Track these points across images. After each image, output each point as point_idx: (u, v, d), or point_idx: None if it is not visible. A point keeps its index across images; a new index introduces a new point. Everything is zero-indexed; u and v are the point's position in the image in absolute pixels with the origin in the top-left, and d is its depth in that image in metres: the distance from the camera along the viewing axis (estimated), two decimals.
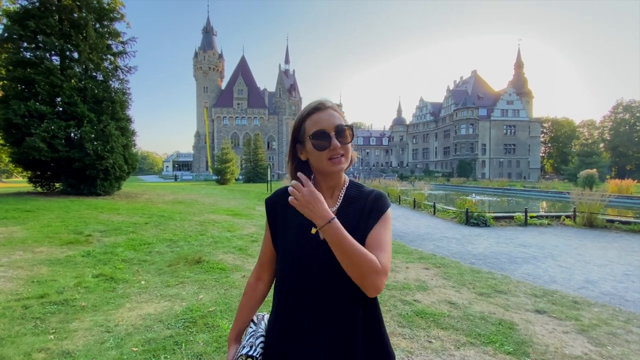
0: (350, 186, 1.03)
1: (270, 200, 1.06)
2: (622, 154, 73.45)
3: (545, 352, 2.85)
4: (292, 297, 0.96)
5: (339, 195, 1.00)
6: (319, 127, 0.92)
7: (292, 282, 0.96)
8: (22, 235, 5.98)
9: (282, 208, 1.01)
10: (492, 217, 10.10)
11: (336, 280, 0.91)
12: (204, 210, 11.96)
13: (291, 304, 0.96)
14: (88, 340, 2.66)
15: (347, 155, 0.94)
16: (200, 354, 2.53)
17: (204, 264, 4.96)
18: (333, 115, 0.95)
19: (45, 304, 3.28)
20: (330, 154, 0.92)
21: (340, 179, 1.01)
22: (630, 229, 9.07)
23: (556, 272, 5.47)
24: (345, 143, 0.93)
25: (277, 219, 1.03)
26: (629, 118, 72.86)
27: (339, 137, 0.91)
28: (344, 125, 0.93)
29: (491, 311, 3.69)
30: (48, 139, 10.92)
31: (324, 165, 0.93)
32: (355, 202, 0.99)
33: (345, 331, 0.92)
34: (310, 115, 0.96)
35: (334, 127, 0.92)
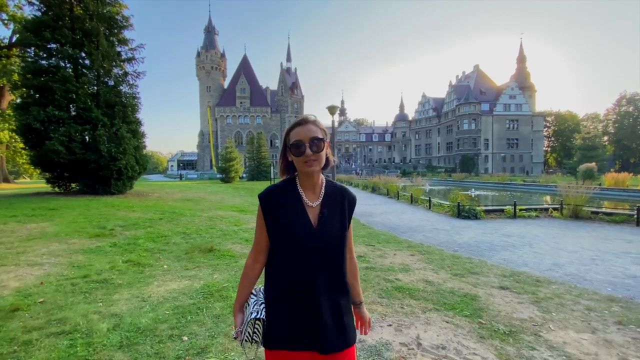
0: (327, 184, 1.30)
1: (264, 196, 1.26)
2: (626, 146, 73.18)
3: (496, 315, 3.50)
4: (293, 270, 1.20)
5: (320, 192, 1.27)
6: (297, 138, 1.19)
7: (295, 260, 1.20)
8: (53, 230, 6.73)
9: (278, 203, 1.24)
10: (482, 211, 10.71)
11: (332, 258, 1.23)
12: (211, 207, 12.69)
13: (292, 276, 1.20)
14: (129, 306, 3.37)
15: (319, 160, 1.20)
16: (217, 315, 3.23)
17: (216, 252, 5.67)
18: (311, 129, 1.20)
19: (89, 282, 4.00)
20: (305, 159, 1.19)
21: (318, 178, 1.27)
22: (612, 220, 9.63)
23: (530, 257, 6.10)
24: (316, 152, 1.19)
25: (272, 213, 1.23)
26: (633, 111, 72.49)
27: (312, 147, 1.18)
28: (317, 138, 1.19)
29: (460, 287, 4.34)
30: (66, 143, 11.70)
31: (300, 167, 1.21)
32: (333, 196, 1.29)
33: (333, 287, 1.24)
34: (294, 128, 1.23)
35: (309, 139, 1.18)
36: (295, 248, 1.19)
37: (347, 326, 1.25)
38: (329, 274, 1.22)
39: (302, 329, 1.18)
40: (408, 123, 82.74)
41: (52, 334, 2.76)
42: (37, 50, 12.64)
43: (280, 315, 1.20)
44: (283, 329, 1.19)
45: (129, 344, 2.66)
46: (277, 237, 1.23)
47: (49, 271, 4.37)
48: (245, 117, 72.57)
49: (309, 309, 1.19)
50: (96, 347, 2.59)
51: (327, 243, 1.21)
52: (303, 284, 1.19)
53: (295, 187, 1.26)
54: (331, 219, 1.24)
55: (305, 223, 1.20)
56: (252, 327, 1.21)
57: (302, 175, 1.25)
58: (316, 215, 1.23)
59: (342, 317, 1.24)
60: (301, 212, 1.22)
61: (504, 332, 3.11)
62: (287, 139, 1.24)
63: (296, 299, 1.19)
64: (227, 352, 2.60)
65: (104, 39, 13.34)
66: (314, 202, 1.25)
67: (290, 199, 1.24)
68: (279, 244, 1.23)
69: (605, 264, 5.66)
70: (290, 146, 1.20)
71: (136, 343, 2.68)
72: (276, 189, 1.26)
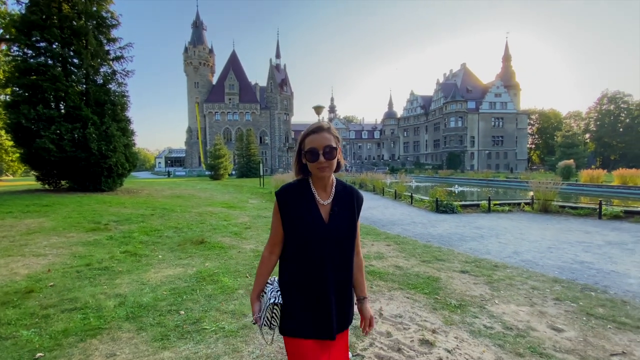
0: (337, 184, 1.41)
1: (281, 194, 1.37)
2: (607, 144, 75.55)
3: (451, 293, 4.07)
4: (306, 261, 1.32)
5: (331, 191, 1.38)
6: (312, 145, 1.28)
7: (308, 253, 1.31)
8: (50, 225, 7.07)
9: (294, 201, 1.35)
10: (459, 205, 11.37)
11: (341, 252, 1.35)
12: (201, 204, 13.05)
13: (305, 266, 1.32)
14: (131, 288, 3.82)
15: (331, 167, 1.30)
16: (209, 295, 3.71)
17: (207, 244, 6.12)
18: (325, 137, 1.28)
19: (92, 269, 4.42)
20: (318, 165, 1.28)
21: (329, 179, 1.37)
22: (577, 213, 10.40)
23: (494, 246, 6.73)
24: (330, 159, 1.29)
25: (287, 209, 1.34)
26: (614, 109, 74.68)
27: (325, 155, 1.27)
28: (331, 146, 1.28)
29: (426, 271, 4.91)
30: (57, 141, 11.90)
31: (314, 171, 1.32)
32: (343, 195, 1.39)
33: (342, 278, 1.37)
34: (309, 134, 1.31)
35: (323, 147, 1.27)
36: (308, 241, 1.31)
37: (347, 312, 1.41)
38: (338, 265, 1.34)
39: (313, 317, 1.31)
40: (397, 120, 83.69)
41: (66, 310, 3.21)
42: (26, 48, 12.73)
43: (294, 302, 1.33)
44: (297, 317, 1.32)
45: (134, 317, 3.12)
46: (292, 231, 1.34)
47: (53, 261, 4.77)
48: (234, 113, 72.11)
49: (320, 297, 1.31)
50: (106, 319, 3.05)
51: (337, 237, 1.33)
52: (315, 273, 1.31)
53: (308, 187, 1.37)
54: (341, 216, 1.36)
55: (317, 218, 1.32)
56: (271, 312, 1.33)
57: (315, 177, 1.36)
58: (327, 212, 1.35)
59: (345, 305, 1.39)
60: (314, 209, 1.33)
61: (455, 305, 3.68)
62: (302, 144, 1.34)
63: (308, 288, 1.32)
64: (219, 322, 3.09)
65: (93, 37, 13.49)
66: (326, 201, 1.36)
67: (304, 197, 1.35)
68: (294, 237, 1.34)
69: (560, 251, 6.31)
70: (306, 152, 1.31)
71: (140, 316, 3.15)
72: (292, 188, 1.38)
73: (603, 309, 3.73)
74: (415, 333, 3.01)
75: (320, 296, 1.31)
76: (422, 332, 3.01)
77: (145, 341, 2.71)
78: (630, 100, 73.41)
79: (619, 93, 74.78)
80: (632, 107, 72.45)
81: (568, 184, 24.86)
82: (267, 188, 22.84)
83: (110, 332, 2.83)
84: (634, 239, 7.25)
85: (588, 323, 3.38)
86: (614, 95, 74.99)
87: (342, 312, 1.37)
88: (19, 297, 3.46)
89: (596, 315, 3.56)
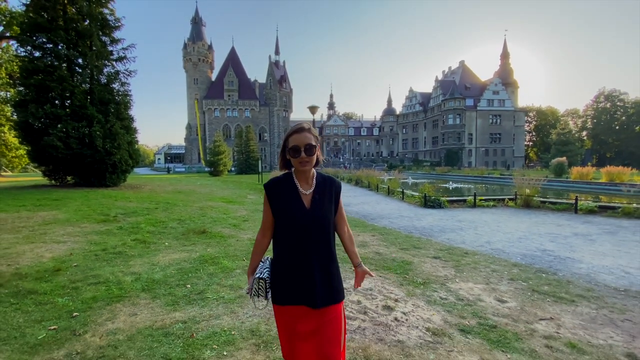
0: (317, 176, 1.64)
1: (269, 186, 1.60)
2: (603, 141, 76.11)
3: (420, 273, 4.71)
4: (292, 242, 1.55)
5: (312, 182, 1.60)
6: (295, 143, 1.51)
7: (294, 235, 1.54)
8: (63, 217, 7.69)
9: (279, 192, 1.58)
10: (447, 201, 12.01)
11: (321, 233, 1.56)
12: (201, 199, 13.67)
13: (291, 246, 1.55)
14: (144, 268, 4.46)
15: (311, 161, 1.54)
16: (211, 273, 4.35)
17: (208, 234, 6.75)
18: (306, 136, 1.51)
19: (108, 254, 5.05)
20: (300, 160, 1.51)
21: (310, 172, 1.60)
22: (556, 208, 11.03)
23: (470, 237, 7.36)
24: (310, 155, 1.51)
25: (275, 198, 1.58)
26: (610, 107, 75.10)
27: (306, 151, 1.50)
28: (311, 144, 1.51)
29: (402, 257, 5.55)
30: (64, 139, 12.50)
31: (296, 165, 1.55)
32: (323, 185, 1.62)
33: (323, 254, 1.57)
34: (292, 134, 1.53)
35: (304, 144, 1.50)
36: (293, 225, 1.54)
37: (335, 287, 1.59)
38: (319, 244, 1.55)
39: (298, 288, 1.53)
40: (395, 117, 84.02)
41: (92, 283, 3.84)
42: (32, 48, 13.28)
43: (281, 276, 1.56)
44: (284, 287, 1.55)
45: (148, 289, 3.76)
46: (279, 216, 1.58)
47: (72, 247, 5.40)
48: (233, 110, 72.38)
49: (304, 272, 1.52)
50: (126, 290, 3.68)
51: (318, 220, 1.55)
52: (299, 252, 1.53)
53: (292, 179, 1.60)
54: (321, 203, 1.58)
55: (300, 205, 1.54)
56: (257, 285, 1.59)
57: (298, 171, 1.59)
58: (309, 200, 1.57)
59: (329, 279, 1.57)
60: (297, 198, 1.56)
61: (420, 282, 4.32)
62: (286, 142, 1.57)
63: (294, 264, 1.54)
64: (219, 293, 3.72)
65: (97, 39, 14.05)
66: (307, 190, 1.58)
67: (288, 188, 1.58)
68: (281, 222, 1.58)
69: (528, 241, 6.95)
70: (289, 149, 1.54)
71: (154, 288, 3.78)
72: (278, 181, 1.62)
73: (548, 287, 4.37)
74: (380, 301, 3.65)
75: (304, 269, 1.53)
76: (386, 301, 3.65)
77: (159, 305, 3.35)
78: (626, 98, 73.92)
79: (616, 91, 75.20)
80: (628, 105, 72.98)
81: (559, 181, 25.57)
82: None
83: (130, 299, 3.47)
84: (599, 231, 7.89)
85: (530, 297, 4.01)
86: (611, 93, 75.40)
87: (327, 284, 1.55)
88: (49, 274, 4.09)
89: (540, 292, 4.19)
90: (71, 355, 2.45)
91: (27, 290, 3.57)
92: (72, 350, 2.51)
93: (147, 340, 2.68)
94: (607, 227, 8.29)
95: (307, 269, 1.53)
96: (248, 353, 2.55)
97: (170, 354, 2.48)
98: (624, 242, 6.81)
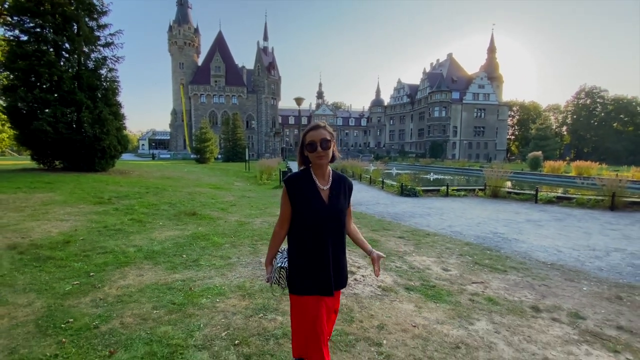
0: (333, 173, 1.77)
1: (289, 181, 1.71)
2: (582, 137, 78.91)
3: (384, 249, 5.50)
4: (311, 234, 1.66)
5: (329, 178, 1.73)
6: (311, 139, 1.64)
7: (312, 228, 1.66)
8: (60, 199, 8.17)
9: (299, 187, 1.68)
10: (421, 190, 12.91)
11: (337, 227, 1.71)
12: (190, 185, 14.20)
13: (310, 238, 1.66)
14: (143, 242, 5.11)
15: (327, 156, 1.65)
16: (203, 247, 5.04)
17: (198, 216, 7.40)
18: (322, 132, 1.65)
19: (109, 230, 5.67)
20: (317, 154, 1.64)
21: (326, 168, 1.72)
22: (520, 198, 12.08)
23: (435, 221, 8.24)
24: (325, 149, 1.63)
25: (294, 192, 1.68)
26: (590, 104, 77.64)
27: (322, 146, 1.63)
28: (326, 139, 1.63)
29: (371, 236, 6.34)
30: (53, 123, 12.74)
31: (313, 160, 1.67)
32: (338, 182, 1.75)
33: (338, 246, 1.72)
34: (309, 131, 1.67)
35: (320, 140, 1.63)
36: (312, 218, 1.64)
37: (344, 275, 1.76)
38: (335, 237, 1.68)
39: (316, 279, 1.64)
40: (384, 108, 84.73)
41: (100, 252, 4.49)
42: (20, 32, 13.33)
43: (300, 268, 1.66)
44: (302, 278, 1.65)
45: (150, 257, 4.43)
46: (299, 210, 1.67)
47: (75, 224, 5.97)
48: (220, 96, 71.09)
49: (321, 263, 1.63)
50: (131, 258, 4.35)
51: (335, 214, 1.67)
52: (317, 244, 1.63)
53: (310, 175, 1.70)
54: (337, 198, 1.70)
55: (320, 200, 1.65)
56: (279, 274, 1.70)
57: (315, 166, 1.69)
58: (327, 195, 1.68)
59: (341, 269, 1.74)
60: (316, 192, 1.66)
61: None
62: (304, 139, 1.68)
63: (312, 255, 1.64)
64: (211, 261, 4.43)
65: (85, 24, 14.15)
66: (325, 186, 1.69)
67: (307, 183, 1.68)
68: (300, 215, 1.67)
69: (485, 226, 7.86)
70: (306, 145, 1.65)
71: (154, 257, 4.45)
72: (297, 176, 1.71)
73: (489, 261, 5.23)
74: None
75: (321, 261, 1.64)
76: (350, 268, 4.43)
77: (161, 269, 4.04)
78: (606, 95, 76.49)
79: (596, 88, 77.60)
80: (607, 102, 75.66)
81: (532, 174, 27.01)
82: (252, 172, 24.01)
83: (136, 264, 4.14)
84: (550, 218, 8.90)
85: (472, 268, 4.85)
86: (591, 90, 77.75)
87: (338, 273, 1.71)
88: (61, 245, 4.70)
89: (481, 264, 5.04)
90: (95, 300, 3.13)
91: (46, 256, 4.19)
92: (95, 297, 3.18)
93: (154, 291, 3.37)
94: (558, 215, 9.31)
95: (324, 261, 1.65)
96: (236, 300, 3.28)
97: (174, 300, 3.19)
98: (567, 227, 7.80)
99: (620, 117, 73.86)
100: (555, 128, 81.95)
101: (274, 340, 2.60)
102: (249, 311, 3.05)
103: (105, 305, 3.04)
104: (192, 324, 2.75)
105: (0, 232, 5.12)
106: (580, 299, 3.90)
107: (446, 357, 2.54)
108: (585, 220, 8.63)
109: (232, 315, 2.95)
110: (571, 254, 5.70)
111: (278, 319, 2.92)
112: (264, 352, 2.44)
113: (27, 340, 2.45)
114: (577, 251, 5.88)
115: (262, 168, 20.73)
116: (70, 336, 2.50)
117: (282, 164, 31.20)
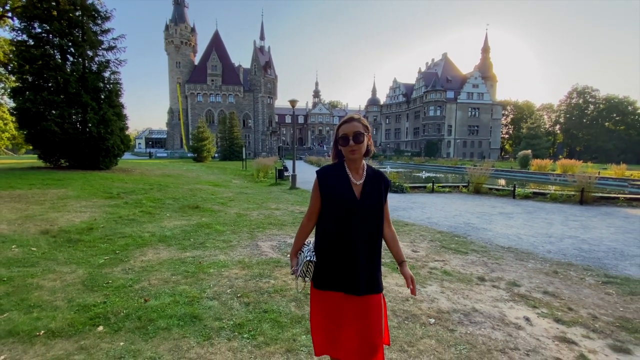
0: (368, 168, 1.68)
1: (322, 173, 1.67)
2: (574, 136, 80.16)
3: None
4: (340, 229, 1.57)
5: (363, 173, 1.64)
6: (344, 132, 1.60)
7: (341, 222, 1.57)
8: (74, 194, 8.92)
9: (331, 179, 1.63)
10: (409, 187, 13.76)
11: (369, 224, 1.59)
12: (190, 182, 14.96)
13: (339, 233, 1.57)
14: (155, 229, 5.90)
15: (360, 150, 1.59)
16: (207, 233, 5.85)
17: (200, 209, 8.19)
18: (355, 125, 1.59)
19: (124, 220, 6.45)
20: (349, 148, 1.58)
21: (360, 163, 1.65)
22: (499, 194, 12.95)
23: (416, 214, 9.07)
24: (358, 142, 1.57)
25: (326, 185, 1.62)
26: (582, 103, 78.82)
27: (355, 140, 1.57)
28: (359, 132, 1.57)
29: None
30: (60, 124, 13.46)
31: (346, 154, 1.61)
32: (373, 177, 1.66)
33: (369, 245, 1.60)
34: (342, 124, 1.63)
35: (352, 133, 1.57)
36: (343, 212, 1.56)
37: (377, 277, 1.62)
38: (366, 235, 1.58)
39: (340, 275, 1.57)
40: (379, 107, 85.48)
41: (120, 237, 5.28)
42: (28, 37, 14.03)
43: (327, 262, 1.59)
44: (329, 273, 1.59)
45: (163, 241, 5.23)
46: (329, 204, 1.60)
47: (93, 215, 6.75)
48: (216, 95, 71.49)
49: (349, 259, 1.56)
50: (147, 241, 5.15)
51: (367, 211, 1.58)
52: (346, 240, 1.56)
53: (344, 169, 1.63)
54: (370, 194, 1.61)
55: (351, 195, 1.57)
56: (306, 267, 1.62)
57: (349, 160, 1.63)
58: (360, 190, 1.60)
59: (373, 269, 1.61)
60: (349, 187, 1.59)
61: None
62: (337, 132, 1.64)
63: (341, 251, 1.57)
64: (215, 243, 5.23)
65: (89, 29, 14.87)
66: (359, 181, 1.61)
67: (340, 176, 1.62)
68: (331, 209, 1.60)
69: (460, 217, 8.70)
70: (339, 138, 1.61)
71: (166, 241, 5.25)
72: (330, 169, 1.67)
73: (455, 245, 6.05)
74: None
75: (349, 257, 1.55)
76: None
77: (174, 250, 4.84)
78: (597, 94, 77.76)
79: (588, 88, 78.79)
80: (599, 102, 77.00)
81: (521, 172, 27.98)
82: (249, 170, 24.77)
83: (152, 246, 4.94)
84: (521, 211, 9.76)
85: (438, 250, 5.68)
86: (583, 90, 78.96)
87: (370, 274, 1.59)
88: (86, 231, 5.48)
89: (447, 248, 5.87)
90: (125, 269, 3.93)
91: (76, 239, 4.98)
92: (125, 267, 3.99)
93: (171, 264, 4.18)
94: (529, 209, 10.18)
95: (352, 257, 1.56)
96: (237, 270, 4.09)
97: (188, 270, 3.99)
98: (534, 219, 8.65)
99: (612, 116, 75.14)
100: (549, 127, 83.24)
101: (267, 294, 3.41)
102: (248, 277, 3.86)
103: (133, 272, 3.84)
104: (204, 284, 3.56)
105: (31, 221, 5.90)
106: (522, 272, 4.73)
107: (397, 304, 3.36)
108: (553, 213, 9.50)
109: (235, 279, 3.76)
110: (528, 240, 6.53)
111: (271, 282, 3.74)
112: (259, 302, 3.25)
113: (80, 294, 3.25)
114: (534, 238, 6.72)
115: (259, 166, 21.40)
116: (112, 291, 3.31)
117: (279, 163, 31.94)
